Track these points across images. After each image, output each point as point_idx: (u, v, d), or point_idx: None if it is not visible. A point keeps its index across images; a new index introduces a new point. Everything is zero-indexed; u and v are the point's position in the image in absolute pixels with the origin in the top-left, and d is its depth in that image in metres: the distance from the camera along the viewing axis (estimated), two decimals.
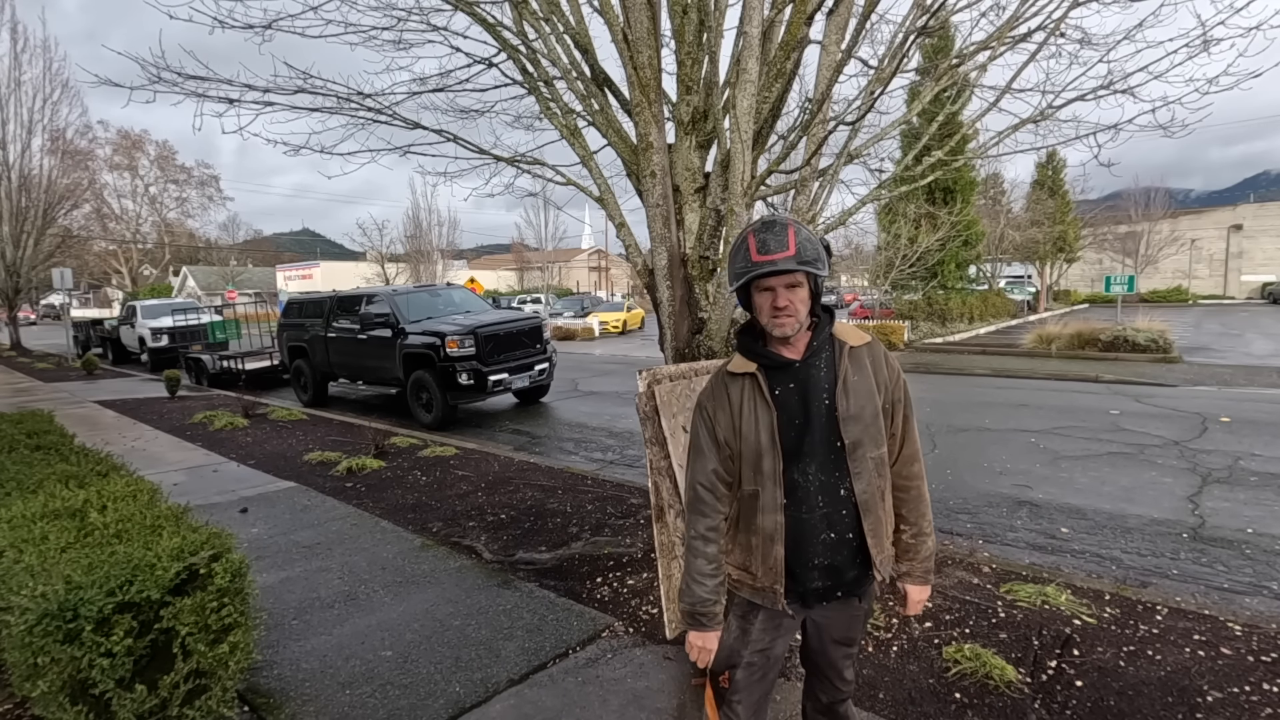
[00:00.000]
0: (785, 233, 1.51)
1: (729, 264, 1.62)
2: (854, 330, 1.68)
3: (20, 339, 23.84)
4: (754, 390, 1.62)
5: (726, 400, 1.64)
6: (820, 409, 1.59)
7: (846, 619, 1.78)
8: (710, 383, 1.72)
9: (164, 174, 44.41)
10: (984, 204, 24.87)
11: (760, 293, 1.57)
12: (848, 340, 1.65)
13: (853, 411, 1.58)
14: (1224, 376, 11.44)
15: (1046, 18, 3.37)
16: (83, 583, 2.01)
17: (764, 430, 1.60)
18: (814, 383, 1.60)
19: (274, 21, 3.67)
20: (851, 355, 1.63)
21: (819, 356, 1.62)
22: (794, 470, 1.61)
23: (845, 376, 1.60)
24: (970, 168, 20.65)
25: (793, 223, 1.53)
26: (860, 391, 1.60)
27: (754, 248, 1.51)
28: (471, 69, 4.29)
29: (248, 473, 6.53)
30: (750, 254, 1.52)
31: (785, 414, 1.60)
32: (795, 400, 1.60)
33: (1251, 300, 36.18)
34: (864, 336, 1.68)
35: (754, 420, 1.60)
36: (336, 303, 11.10)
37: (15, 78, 20.29)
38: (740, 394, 1.63)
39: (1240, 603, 3.65)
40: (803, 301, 1.56)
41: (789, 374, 1.61)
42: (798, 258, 1.49)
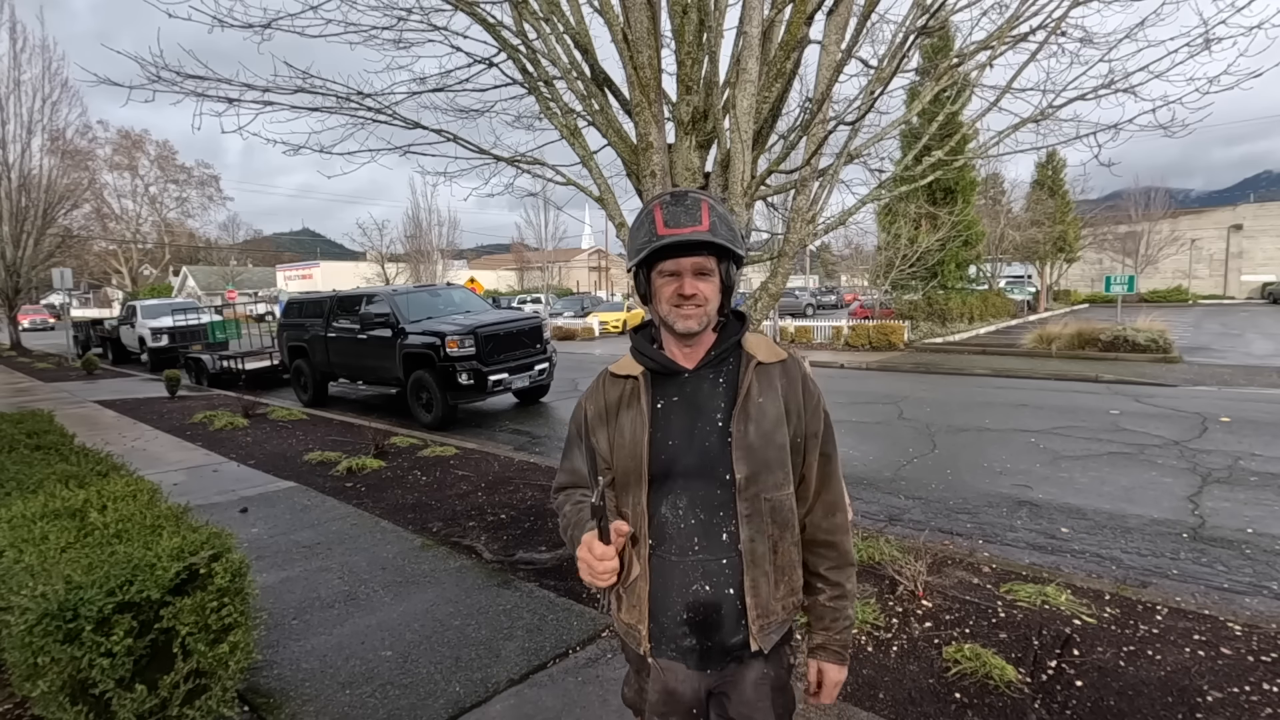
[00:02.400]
0: (698, 208, 1.26)
1: (630, 239, 1.35)
2: (767, 343, 1.41)
3: (20, 339, 23.82)
4: (633, 398, 1.37)
5: (603, 404, 1.40)
6: (708, 432, 1.31)
7: (749, 693, 1.37)
8: (593, 382, 1.47)
9: (164, 174, 44.42)
10: (984, 204, 24.86)
11: (663, 278, 1.30)
12: (756, 354, 1.37)
13: (750, 440, 1.29)
14: (1224, 376, 11.44)
15: (1047, 17, 3.37)
16: (83, 583, 2.01)
17: (635, 447, 1.33)
18: (705, 399, 1.34)
19: (274, 21, 3.67)
20: (759, 372, 1.35)
21: (718, 369, 1.36)
22: (664, 502, 1.32)
23: (748, 396, 1.31)
24: (970, 168, 20.64)
25: (708, 198, 1.29)
26: (764, 417, 1.31)
27: (660, 220, 1.26)
28: (471, 69, 4.29)
29: (248, 473, 6.53)
30: (655, 226, 1.26)
31: (663, 432, 1.33)
32: (679, 417, 1.33)
33: (1251, 300, 36.17)
34: (778, 352, 1.40)
35: (628, 434, 1.34)
36: (336, 303, 11.10)
37: (15, 78, 20.28)
38: (619, 400, 1.39)
39: (1240, 603, 3.65)
40: (713, 293, 1.31)
41: (677, 385, 1.35)
42: (711, 233, 1.25)
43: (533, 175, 4.30)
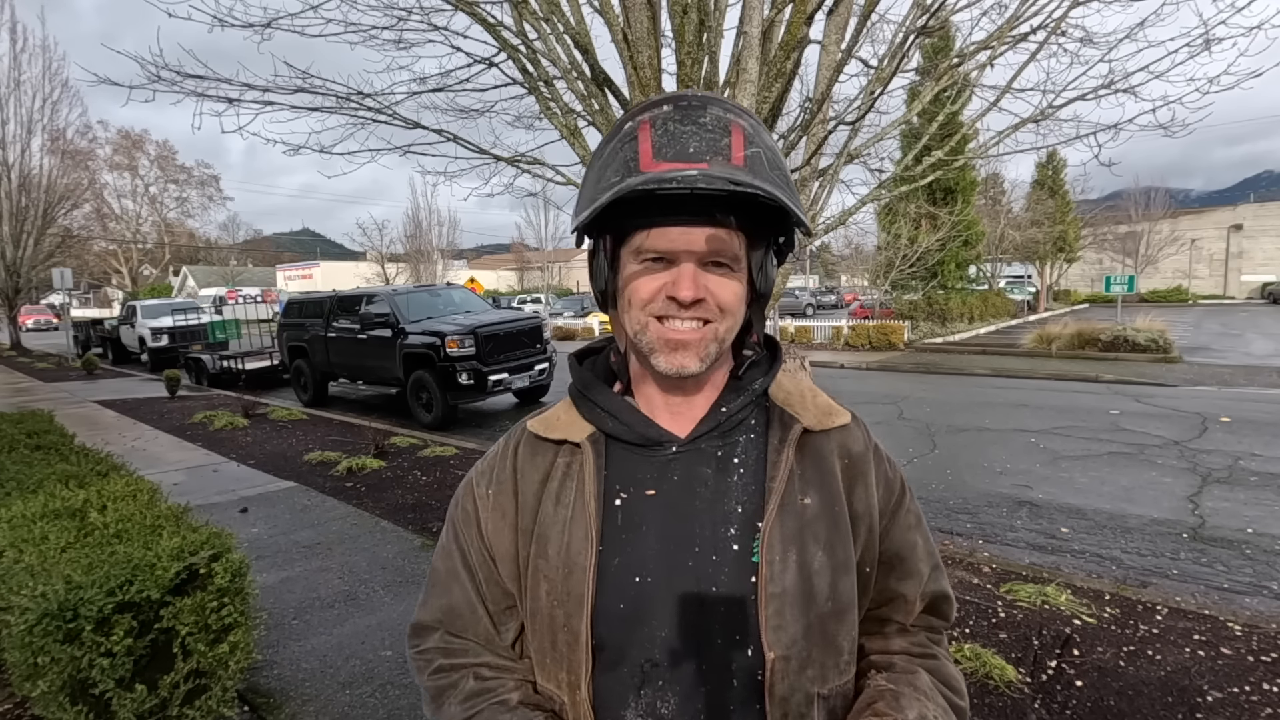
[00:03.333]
0: (724, 128, 0.67)
1: (586, 180, 0.75)
2: (812, 393, 0.84)
3: (20, 339, 23.83)
4: (570, 485, 0.78)
5: (514, 490, 0.81)
6: (713, 563, 0.73)
7: None
8: (497, 447, 0.87)
9: (164, 174, 44.47)
10: (984, 204, 24.87)
11: (640, 264, 0.72)
12: (801, 416, 0.79)
13: (792, 584, 0.72)
14: (1224, 376, 11.44)
15: (1047, 17, 3.37)
16: (83, 582, 2.01)
17: (569, 580, 0.74)
18: (708, 497, 0.75)
19: (274, 20, 3.67)
20: (805, 449, 0.78)
21: (729, 439, 0.78)
22: (626, 699, 0.73)
23: (786, 495, 0.74)
24: (970, 168, 20.65)
25: (739, 113, 0.70)
26: (815, 537, 0.74)
27: (649, 145, 0.66)
28: (471, 69, 4.28)
29: (248, 473, 6.53)
30: (637, 155, 0.66)
31: (625, 556, 0.74)
32: (657, 529, 0.75)
33: (1252, 300, 36.17)
34: (836, 410, 0.82)
35: (556, 552, 0.76)
36: (336, 303, 11.10)
37: (15, 78, 20.31)
38: (542, 484, 0.79)
39: (1240, 603, 3.65)
40: (734, 299, 0.72)
41: (655, 466, 0.77)
42: (749, 170, 0.65)
43: (533, 175, 4.30)
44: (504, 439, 0.88)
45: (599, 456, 0.78)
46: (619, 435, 0.79)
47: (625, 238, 0.73)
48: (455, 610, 0.83)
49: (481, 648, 0.83)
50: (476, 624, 0.83)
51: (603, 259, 0.77)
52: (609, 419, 0.80)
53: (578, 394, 0.84)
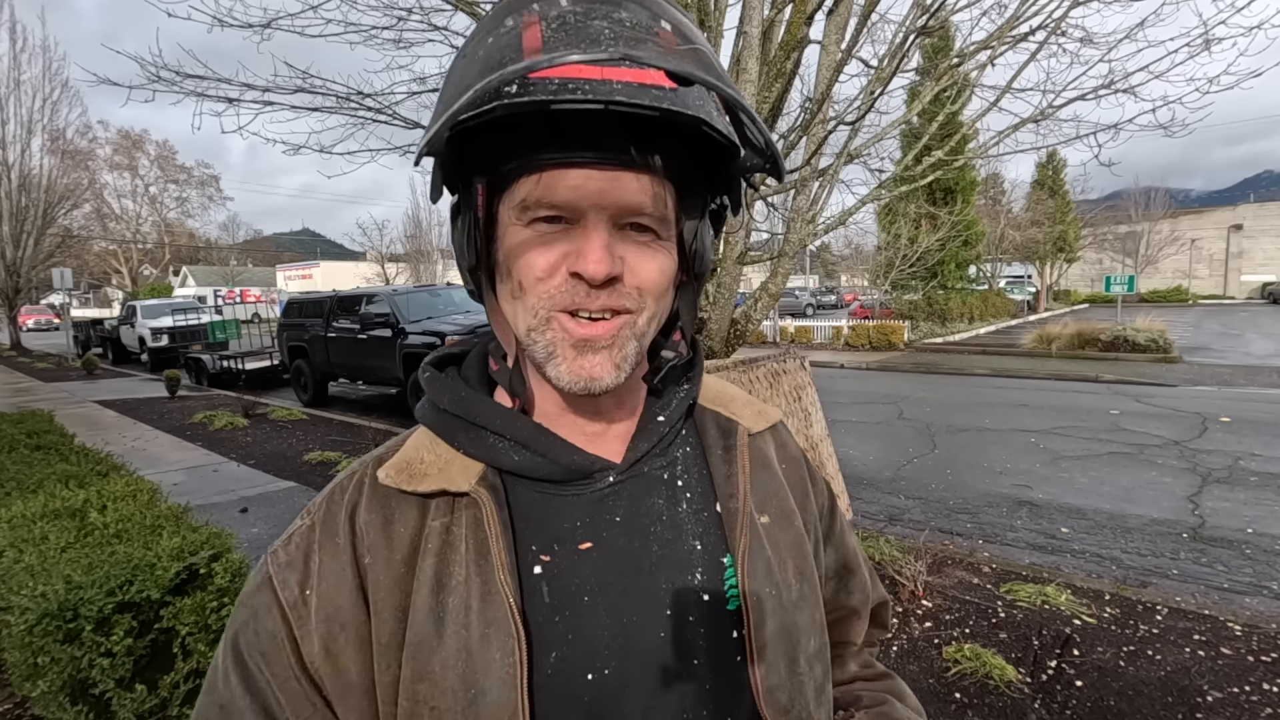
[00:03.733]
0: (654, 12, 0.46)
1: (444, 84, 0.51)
2: (736, 390, 0.70)
3: (20, 339, 23.84)
4: (466, 554, 0.53)
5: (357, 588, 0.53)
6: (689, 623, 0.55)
7: None
8: (304, 529, 0.57)
9: (164, 174, 44.48)
10: (984, 204, 24.88)
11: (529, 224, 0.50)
12: (738, 415, 0.65)
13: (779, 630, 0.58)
14: (1224, 376, 11.44)
15: (1047, 17, 3.38)
16: (83, 582, 2.01)
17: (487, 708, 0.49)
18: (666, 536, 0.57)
19: (274, 20, 3.67)
20: (752, 455, 0.64)
21: (671, 456, 0.61)
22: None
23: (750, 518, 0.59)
24: (970, 168, 20.67)
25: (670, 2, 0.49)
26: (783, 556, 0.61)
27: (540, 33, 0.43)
28: None
29: (248, 473, 6.53)
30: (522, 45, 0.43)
31: (570, 649, 0.52)
32: (601, 595, 0.54)
33: (1252, 300, 36.18)
34: (766, 410, 0.69)
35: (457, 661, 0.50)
36: (336, 303, 11.10)
37: (15, 78, 20.33)
38: (411, 564, 0.53)
39: (1240, 603, 3.65)
40: (661, 278, 0.53)
41: (586, 507, 0.57)
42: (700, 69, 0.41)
43: None
44: (322, 503, 0.57)
45: (502, 508, 0.53)
46: (527, 471, 0.56)
47: (504, 187, 0.50)
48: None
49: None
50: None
51: (470, 221, 0.51)
52: (511, 449, 0.56)
53: (451, 419, 0.57)
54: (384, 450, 0.59)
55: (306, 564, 0.54)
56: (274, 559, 0.55)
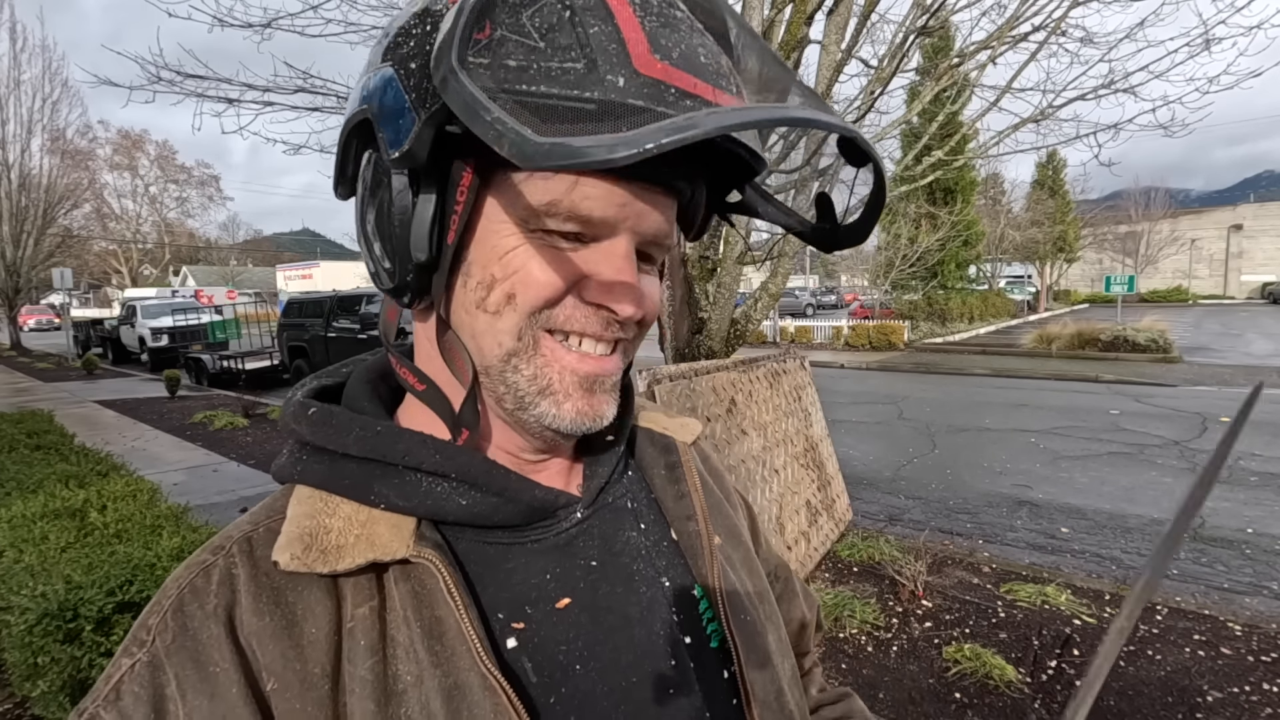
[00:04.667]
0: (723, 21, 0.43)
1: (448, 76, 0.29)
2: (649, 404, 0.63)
3: (20, 339, 23.84)
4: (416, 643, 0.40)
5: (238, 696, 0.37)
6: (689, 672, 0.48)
7: None
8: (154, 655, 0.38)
9: (164, 174, 44.52)
10: (984, 204, 24.89)
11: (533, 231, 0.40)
12: (668, 429, 0.59)
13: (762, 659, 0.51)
14: (1224, 376, 11.44)
15: (1047, 17, 3.38)
16: (83, 582, 2.01)
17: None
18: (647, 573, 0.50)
19: (274, 20, 3.67)
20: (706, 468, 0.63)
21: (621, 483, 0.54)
22: None
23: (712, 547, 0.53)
24: (970, 168, 20.68)
25: None
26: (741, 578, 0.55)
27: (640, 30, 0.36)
28: None
29: (248, 472, 6.52)
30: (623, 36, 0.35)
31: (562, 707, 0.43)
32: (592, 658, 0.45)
33: (1252, 300, 36.19)
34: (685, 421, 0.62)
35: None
36: (336, 302, 11.11)
37: (15, 78, 20.31)
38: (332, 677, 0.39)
39: (1240, 603, 3.65)
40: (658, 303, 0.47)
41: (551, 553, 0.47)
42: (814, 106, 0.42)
43: None
44: (160, 620, 0.40)
45: (454, 567, 0.42)
46: (479, 519, 0.45)
47: (502, 177, 0.40)
48: None
49: None
50: None
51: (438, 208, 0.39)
52: (456, 491, 0.44)
53: (358, 465, 0.44)
54: (250, 525, 0.44)
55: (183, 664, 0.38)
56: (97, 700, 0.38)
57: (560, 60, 0.34)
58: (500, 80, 0.34)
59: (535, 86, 0.34)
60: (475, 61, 0.34)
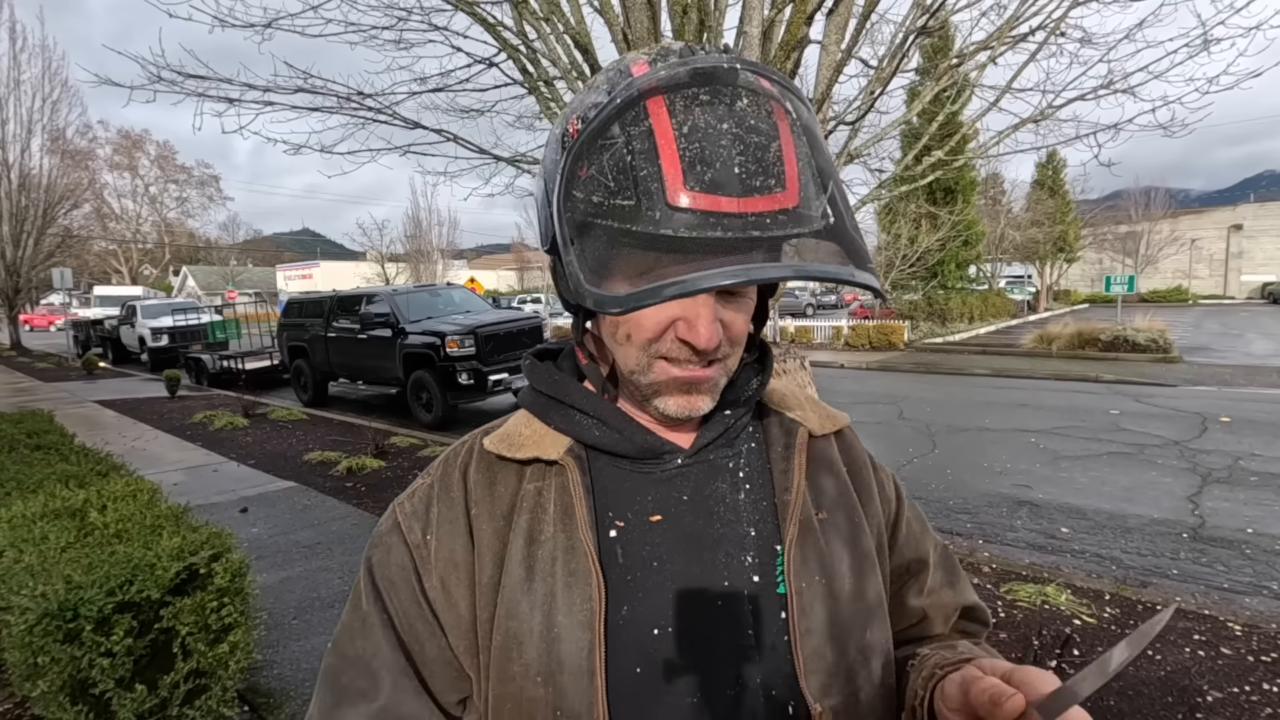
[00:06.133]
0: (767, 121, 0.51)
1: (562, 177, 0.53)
2: (806, 396, 0.76)
3: (20, 339, 23.83)
4: (544, 513, 0.63)
5: (466, 525, 0.64)
6: (743, 597, 0.61)
7: None
8: (434, 468, 0.70)
9: (164, 174, 44.56)
10: (984, 204, 24.88)
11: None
12: (802, 419, 0.71)
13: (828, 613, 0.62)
14: (1224, 376, 11.44)
15: (1047, 17, 3.38)
16: (83, 582, 2.01)
17: (566, 646, 0.58)
18: (727, 518, 0.64)
19: (274, 20, 3.67)
20: (812, 455, 0.69)
21: (736, 448, 0.68)
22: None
23: (805, 510, 0.65)
24: (970, 168, 20.67)
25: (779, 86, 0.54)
26: (838, 555, 0.65)
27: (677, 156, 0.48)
28: (472, 69, 4.28)
29: (248, 472, 6.53)
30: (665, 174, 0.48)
31: (639, 605, 0.60)
32: (667, 562, 0.62)
33: (1252, 300, 36.18)
34: (834, 414, 0.75)
35: (543, 605, 0.59)
36: (336, 302, 11.10)
37: (14, 78, 20.31)
38: (510, 517, 0.64)
39: (1240, 603, 3.65)
40: (746, 326, 0.62)
41: (658, 483, 0.65)
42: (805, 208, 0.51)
43: (533, 175, 4.30)
44: (440, 465, 0.68)
45: (585, 475, 0.62)
46: (608, 447, 0.64)
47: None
48: (391, 713, 0.60)
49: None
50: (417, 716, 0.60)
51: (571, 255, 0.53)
52: (595, 426, 0.64)
53: (546, 400, 0.67)
54: (490, 426, 0.71)
55: (428, 513, 0.65)
56: (400, 509, 0.67)
57: (621, 199, 0.49)
58: (588, 212, 0.51)
59: (607, 222, 0.50)
60: (575, 195, 0.52)
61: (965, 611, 0.77)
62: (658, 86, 0.50)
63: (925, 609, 0.74)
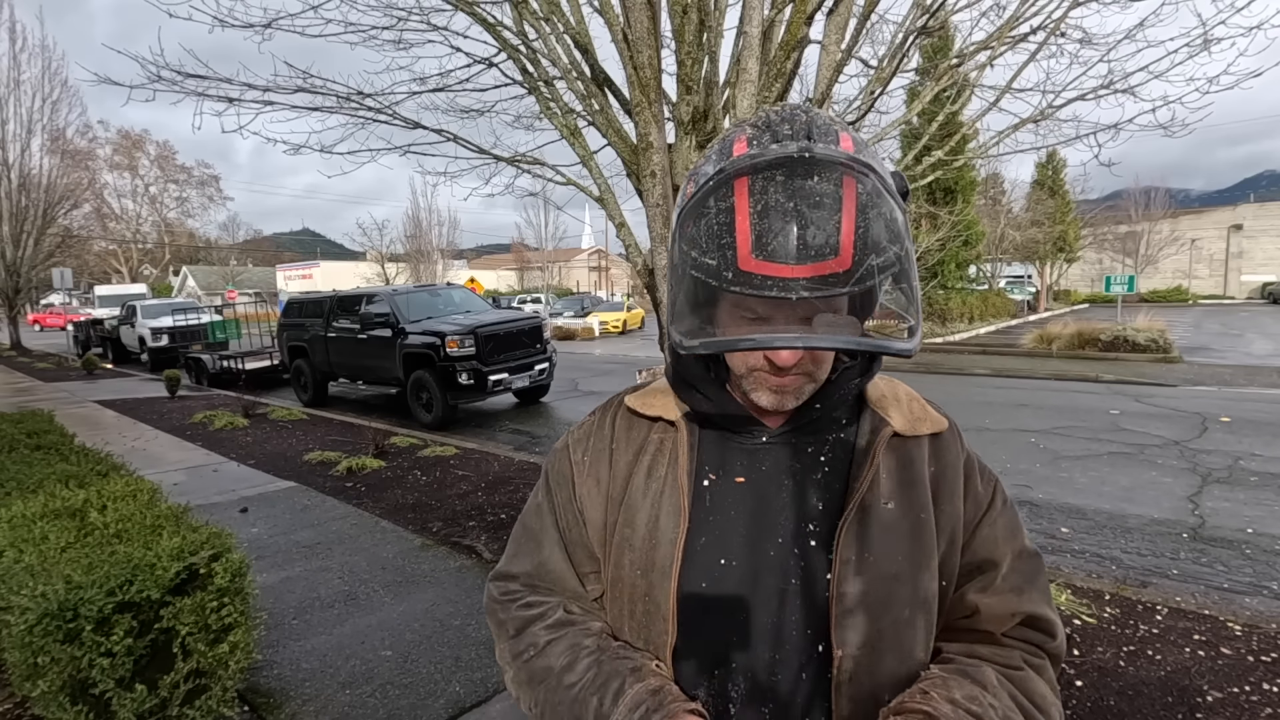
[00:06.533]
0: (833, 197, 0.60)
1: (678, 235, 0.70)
2: (909, 398, 0.85)
3: (20, 338, 23.83)
4: (662, 460, 0.82)
5: (608, 459, 0.86)
6: (793, 557, 0.75)
7: None
8: (593, 417, 0.92)
9: (164, 174, 44.55)
10: (984, 204, 24.88)
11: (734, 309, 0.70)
12: (891, 418, 0.81)
13: (867, 585, 0.73)
14: (1224, 376, 11.44)
15: (1047, 17, 3.37)
16: (83, 582, 2.01)
17: (656, 550, 0.78)
18: (793, 489, 0.78)
19: (274, 20, 3.67)
20: (894, 453, 0.79)
21: (819, 436, 0.80)
22: (701, 677, 0.77)
23: (871, 497, 0.76)
24: (970, 168, 20.67)
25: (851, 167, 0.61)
26: (895, 541, 0.75)
27: (746, 231, 0.61)
28: (471, 69, 4.28)
29: (248, 472, 6.53)
30: (737, 244, 0.61)
31: (711, 535, 0.77)
32: (743, 514, 0.78)
33: (1252, 300, 36.17)
34: (932, 417, 0.84)
35: (647, 522, 0.79)
36: (336, 302, 11.10)
37: (14, 78, 20.28)
38: (635, 458, 0.84)
39: (1240, 603, 3.65)
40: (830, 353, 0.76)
41: (745, 452, 0.80)
42: (856, 271, 0.61)
43: (533, 175, 4.30)
44: (600, 409, 0.93)
45: (692, 436, 0.82)
46: (712, 419, 0.82)
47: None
48: (545, 566, 0.88)
49: (569, 599, 0.88)
50: (565, 580, 0.88)
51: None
52: (704, 401, 0.81)
53: (678, 377, 0.85)
54: (635, 387, 0.91)
55: (586, 442, 0.89)
56: (571, 435, 0.92)
57: (709, 255, 0.63)
58: (686, 261, 0.67)
59: (697, 274, 0.65)
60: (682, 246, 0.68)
61: (1028, 620, 0.79)
62: (744, 169, 0.61)
63: (979, 605, 0.79)
